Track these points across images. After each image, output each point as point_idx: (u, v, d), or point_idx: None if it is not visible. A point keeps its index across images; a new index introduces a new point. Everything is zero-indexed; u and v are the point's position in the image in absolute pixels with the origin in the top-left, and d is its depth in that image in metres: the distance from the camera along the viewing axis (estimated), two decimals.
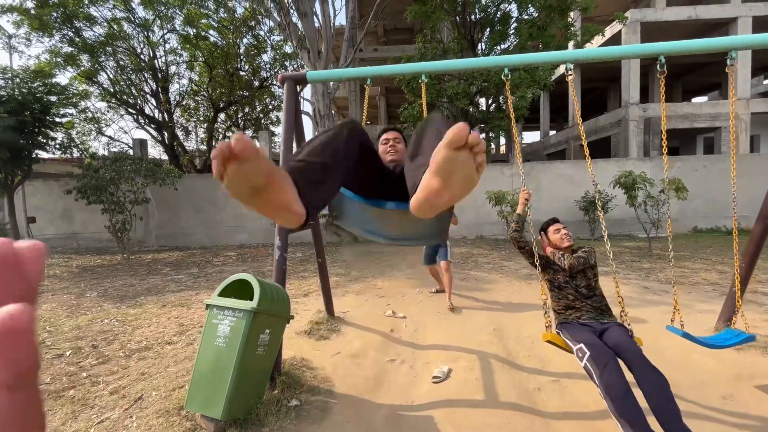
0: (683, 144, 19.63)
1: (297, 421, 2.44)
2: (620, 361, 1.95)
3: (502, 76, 2.86)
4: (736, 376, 2.91)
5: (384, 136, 1.97)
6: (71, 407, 2.64)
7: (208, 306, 2.51)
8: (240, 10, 13.48)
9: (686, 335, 2.57)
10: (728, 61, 2.70)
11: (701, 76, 18.88)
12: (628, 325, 2.24)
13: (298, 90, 3.37)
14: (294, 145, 3.43)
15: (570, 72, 2.77)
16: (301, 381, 2.89)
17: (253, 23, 13.59)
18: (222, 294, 2.58)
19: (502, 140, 25.43)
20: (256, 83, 14.21)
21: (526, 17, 11.73)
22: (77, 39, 11.17)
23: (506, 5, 11.31)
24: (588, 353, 1.95)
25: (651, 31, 14.32)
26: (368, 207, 1.52)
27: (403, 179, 1.20)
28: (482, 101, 13.87)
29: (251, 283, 2.51)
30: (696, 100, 24.90)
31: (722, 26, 14.29)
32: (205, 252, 9.74)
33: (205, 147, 14.32)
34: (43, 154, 9.51)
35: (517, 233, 2.50)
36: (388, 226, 1.66)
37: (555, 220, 2.64)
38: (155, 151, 15.78)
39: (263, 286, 2.50)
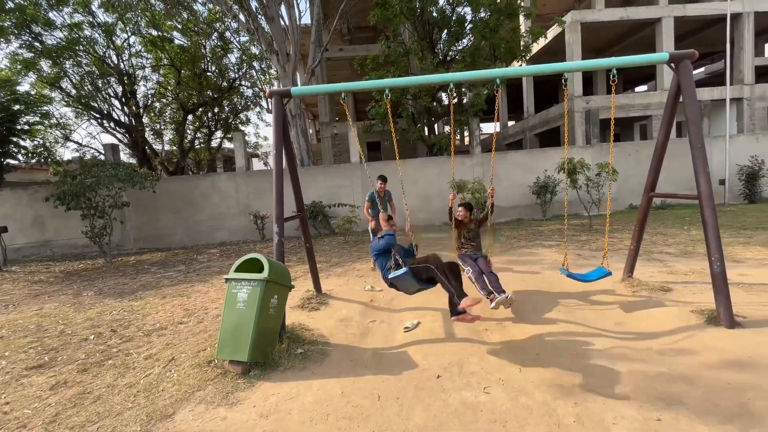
0: (623, 131, 21.60)
1: (304, 361, 3.19)
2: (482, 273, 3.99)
3: (448, 90, 3.68)
4: (628, 310, 3.95)
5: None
6: (116, 370, 3.25)
7: (227, 280, 3.19)
8: (205, 13, 13.62)
9: (569, 274, 3.67)
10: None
11: (639, 68, 20.81)
12: (489, 256, 4.26)
13: (284, 103, 4.00)
14: (284, 156, 4.08)
15: (497, 89, 3.63)
16: (302, 337, 3.64)
17: (218, 25, 13.77)
18: (236, 271, 3.27)
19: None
20: (224, 84, 14.42)
21: (480, 18, 12.72)
22: (37, 44, 11.01)
23: (461, 8, 12.22)
24: (471, 270, 3.95)
25: (590, 30, 15.78)
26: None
27: None
28: (444, 96, 14.83)
29: (261, 261, 3.21)
30: (639, 89, 27.39)
31: (650, 25, 15.99)
32: (187, 251, 10.10)
33: (176, 149, 14.40)
34: (13, 163, 9.47)
35: (450, 215, 4.41)
36: None
37: (465, 207, 4.42)
38: (124, 155, 15.59)
39: (270, 261, 3.21)
